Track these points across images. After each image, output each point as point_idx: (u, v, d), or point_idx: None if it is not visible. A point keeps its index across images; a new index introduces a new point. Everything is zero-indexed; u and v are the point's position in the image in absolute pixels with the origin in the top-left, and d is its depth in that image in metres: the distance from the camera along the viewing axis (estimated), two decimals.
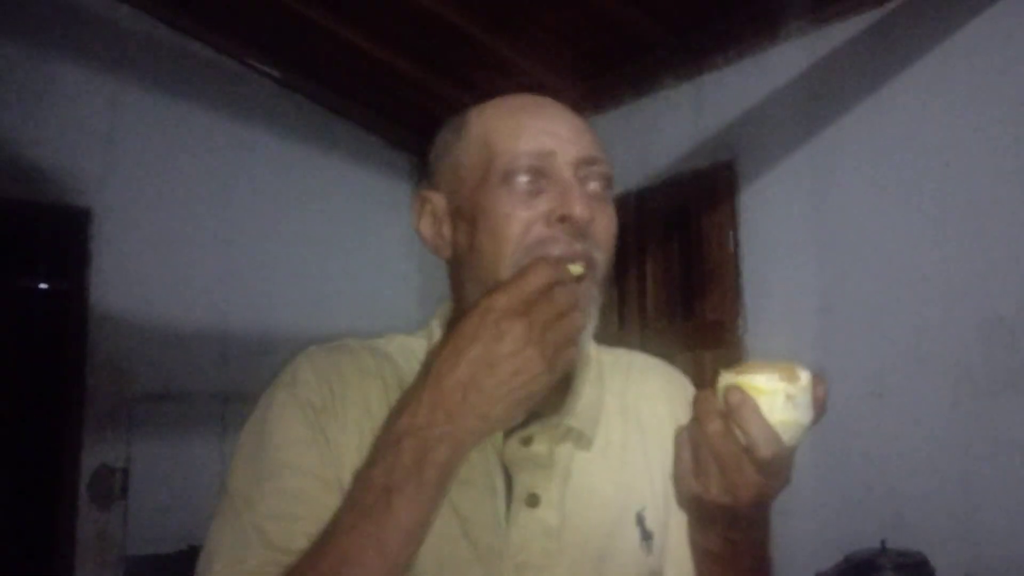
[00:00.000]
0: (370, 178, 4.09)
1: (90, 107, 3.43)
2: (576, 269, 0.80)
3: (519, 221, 0.83)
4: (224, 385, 3.44)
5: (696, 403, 0.75)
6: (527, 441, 0.85)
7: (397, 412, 0.75)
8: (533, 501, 0.84)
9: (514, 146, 0.84)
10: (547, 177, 0.84)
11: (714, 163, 2.95)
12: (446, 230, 0.89)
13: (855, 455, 2.46)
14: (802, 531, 2.45)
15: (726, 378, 0.74)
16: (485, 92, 0.94)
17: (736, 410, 0.71)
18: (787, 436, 0.72)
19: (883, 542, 2.14)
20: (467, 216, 0.86)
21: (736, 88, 2.93)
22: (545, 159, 0.84)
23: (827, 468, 2.47)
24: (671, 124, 3.07)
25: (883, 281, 2.49)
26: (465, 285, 0.88)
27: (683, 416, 0.93)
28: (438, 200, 0.90)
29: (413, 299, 4.10)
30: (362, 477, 0.75)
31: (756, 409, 0.71)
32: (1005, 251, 2.25)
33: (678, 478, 0.78)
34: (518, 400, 0.73)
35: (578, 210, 0.82)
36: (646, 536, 0.88)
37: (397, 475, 0.72)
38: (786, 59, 2.78)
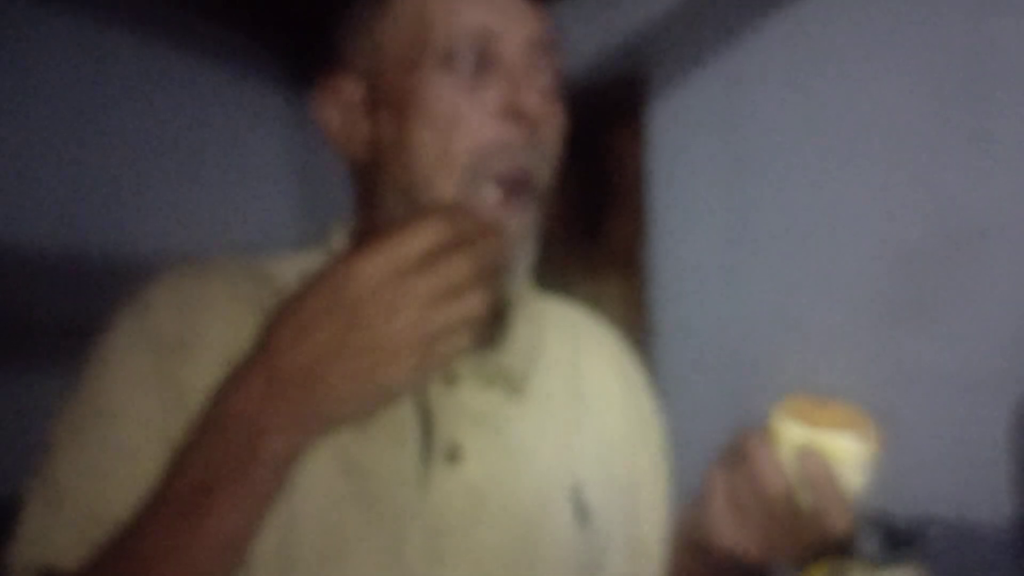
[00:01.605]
0: (239, 84, 3.78)
1: None
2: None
3: (466, 118, 0.71)
4: (78, 315, 3.14)
5: (751, 453, 0.67)
6: (452, 380, 0.75)
7: (227, 385, 0.60)
8: (455, 455, 0.72)
9: (454, 20, 0.72)
10: (493, 61, 0.72)
11: (622, 77, 2.85)
12: (361, 123, 0.76)
13: (757, 385, 2.49)
14: (709, 460, 2.50)
15: (794, 431, 0.65)
16: None
17: (813, 475, 0.65)
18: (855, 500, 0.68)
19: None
20: (395, 105, 0.73)
21: None
22: (492, 39, 0.72)
23: (729, 398, 2.51)
24: (578, 34, 2.92)
25: (791, 207, 2.49)
26: (386, 194, 0.75)
27: (624, 388, 0.90)
28: (351, 86, 0.76)
29: (291, 219, 3.86)
30: (179, 462, 0.61)
31: (837, 480, 0.66)
32: (915, 178, 2.26)
33: (708, 527, 0.70)
34: (374, 400, 0.59)
35: (531, 104, 0.70)
36: (580, 510, 0.78)
37: (220, 470, 0.59)
38: None
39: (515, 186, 0.72)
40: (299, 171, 3.89)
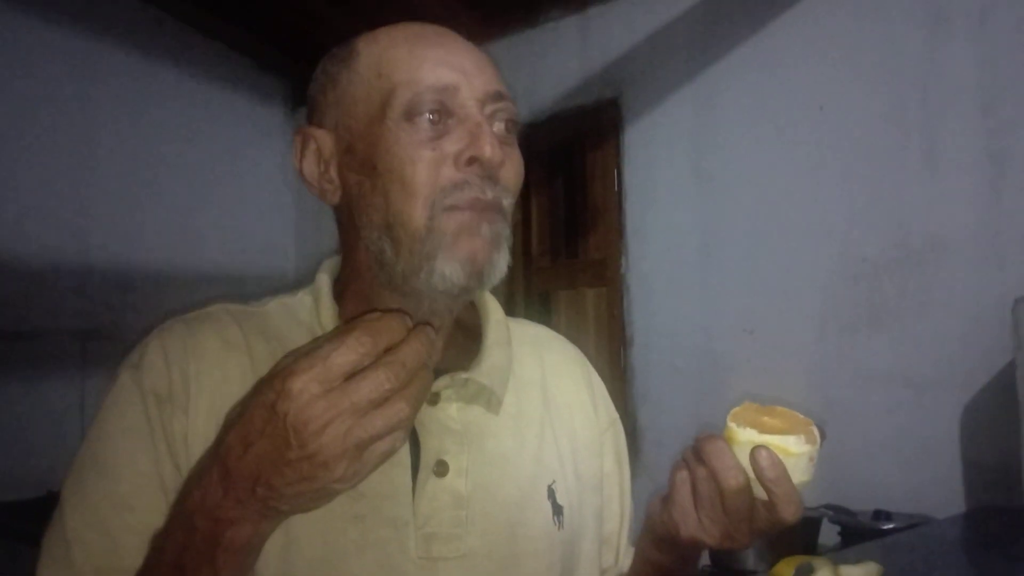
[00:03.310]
0: (241, 103, 3.87)
1: None
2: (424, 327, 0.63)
3: (427, 163, 0.75)
4: (84, 322, 3.23)
5: (710, 454, 0.72)
6: (434, 399, 0.80)
7: (190, 482, 0.66)
8: (442, 469, 0.78)
9: (415, 78, 0.76)
10: (452, 115, 0.77)
11: (599, 99, 2.93)
12: (334, 172, 0.81)
13: (727, 389, 2.54)
14: (674, 461, 2.54)
15: (746, 433, 0.72)
16: (365, 15, 0.86)
17: (766, 471, 0.70)
18: (804, 494, 0.72)
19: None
20: (362, 156, 0.78)
21: (622, 23, 2.89)
22: (449, 94, 0.77)
23: (700, 401, 2.57)
24: (556, 58, 3.03)
25: (758, 221, 2.56)
26: (360, 232, 0.79)
27: (587, 398, 0.95)
28: (324, 139, 0.81)
29: (289, 232, 3.96)
30: (159, 545, 0.67)
31: (788, 475, 0.70)
32: (872, 194, 2.34)
33: (676, 519, 0.76)
34: (315, 500, 0.62)
35: (488, 151, 0.75)
36: (557, 510, 0.85)
37: (189, 555, 0.64)
38: None
39: (476, 207, 0.76)
40: (296, 186, 3.93)
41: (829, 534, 2.12)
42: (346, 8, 3.25)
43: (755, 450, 0.70)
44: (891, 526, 2.05)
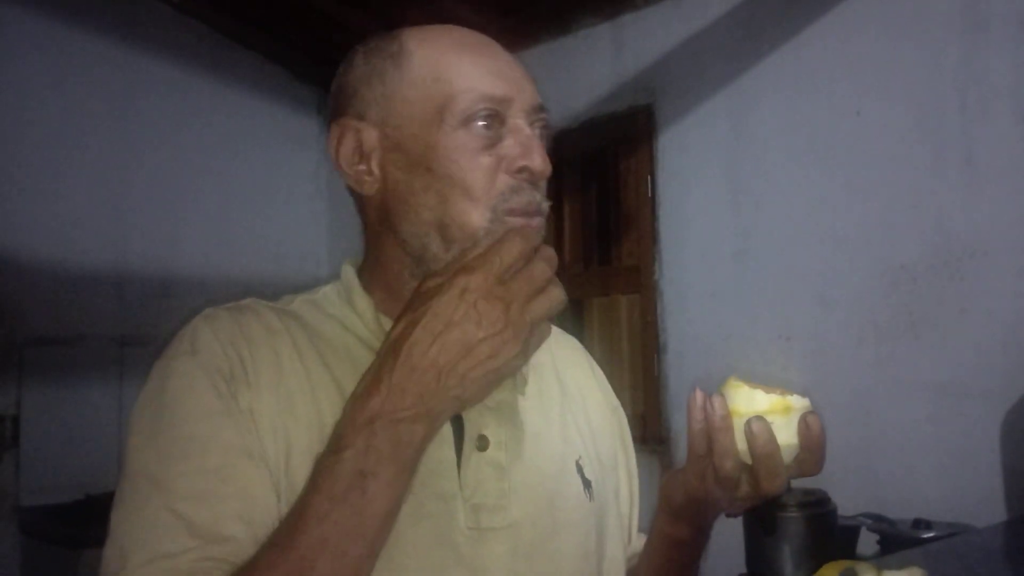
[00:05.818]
0: (275, 111, 3.91)
1: None
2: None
3: (485, 169, 0.80)
4: (122, 328, 3.28)
5: (715, 432, 0.79)
6: None
7: (363, 395, 0.70)
8: (483, 443, 0.83)
9: (474, 87, 0.81)
10: (504, 124, 0.82)
11: (633, 106, 2.93)
12: (375, 165, 0.83)
13: None
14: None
15: (751, 393, 0.77)
16: (398, 26, 0.88)
17: (758, 440, 0.77)
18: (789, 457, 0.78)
19: (788, 480, 2.22)
20: (414, 157, 0.81)
21: (656, 29, 2.90)
22: (504, 105, 0.81)
23: None
24: (590, 65, 3.03)
25: (794, 228, 2.55)
26: (398, 225, 0.83)
27: (594, 384, 1.03)
28: (367, 132, 0.83)
29: (322, 238, 3.99)
30: (329, 462, 0.69)
31: (779, 451, 0.77)
32: (910, 201, 2.32)
33: (685, 483, 0.85)
34: (491, 381, 0.72)
35: (539, 162, 0.81)
36: (586, 483, 0.90)
37: (371, 459, 0.68)
38: (706, 1, 2.77)
39: (528, 212, 0.82)
40: (329, 193, 3.99)
41: (868, 543, 2.08)
42: (380, 19, 3.27)
43: (749, 422, 0.76)
44: (931, 535, 2.01)
